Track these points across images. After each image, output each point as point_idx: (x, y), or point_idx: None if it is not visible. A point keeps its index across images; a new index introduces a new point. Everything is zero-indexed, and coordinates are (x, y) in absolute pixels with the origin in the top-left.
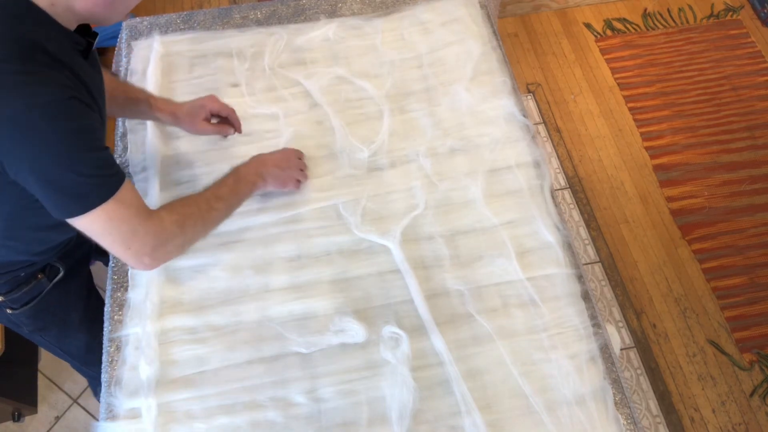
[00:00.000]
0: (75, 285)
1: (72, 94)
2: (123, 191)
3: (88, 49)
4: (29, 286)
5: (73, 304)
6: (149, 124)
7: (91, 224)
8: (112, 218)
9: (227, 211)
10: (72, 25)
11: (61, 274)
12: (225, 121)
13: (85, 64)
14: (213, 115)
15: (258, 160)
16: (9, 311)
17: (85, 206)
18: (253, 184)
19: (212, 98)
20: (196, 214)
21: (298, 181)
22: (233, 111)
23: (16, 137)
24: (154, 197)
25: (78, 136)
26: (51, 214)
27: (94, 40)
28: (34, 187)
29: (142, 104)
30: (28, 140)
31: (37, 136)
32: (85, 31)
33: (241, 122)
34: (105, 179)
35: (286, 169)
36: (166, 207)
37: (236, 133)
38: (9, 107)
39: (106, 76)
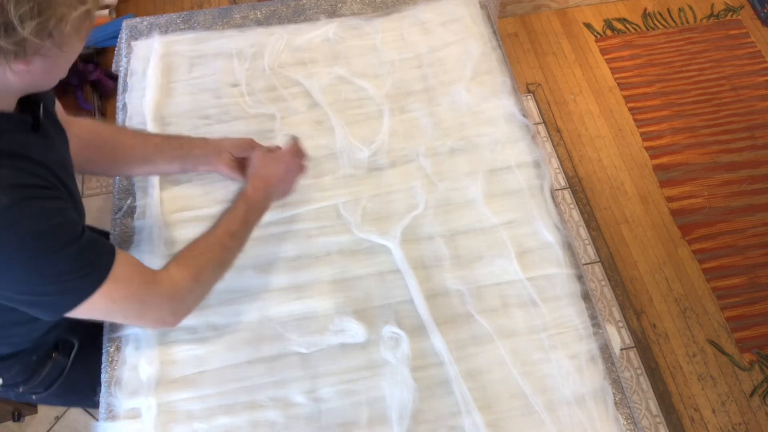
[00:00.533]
0: (94, 351)
1: (23, 194)
2: (117, 268)
3: (36, 123)
4: (47, 369)
5: (96, 365)
6: (149, 122)
7: (92, 311)
8: (114, 299)
9: (241, 246)
10: (11, 105)
11: (76, 347)
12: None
13: (36, 141)
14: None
15: (263, 181)
16: (34, 397)
17: (79, 298)
18: (264, 208)
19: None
20: (211, 260)
21: (301, 169)
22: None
23: None
24: (154, 197)
25: (45, 238)
26: (41, 317)
27: (39, 110)
28: (18, 301)
29: (188, 162)
30: None
31: (3, 252)
32: (25, 104)
33: (241, 123)
34: (90, 268)
35: (287, 181)
36: (177, 261)
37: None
38: None
39: (143, 133)
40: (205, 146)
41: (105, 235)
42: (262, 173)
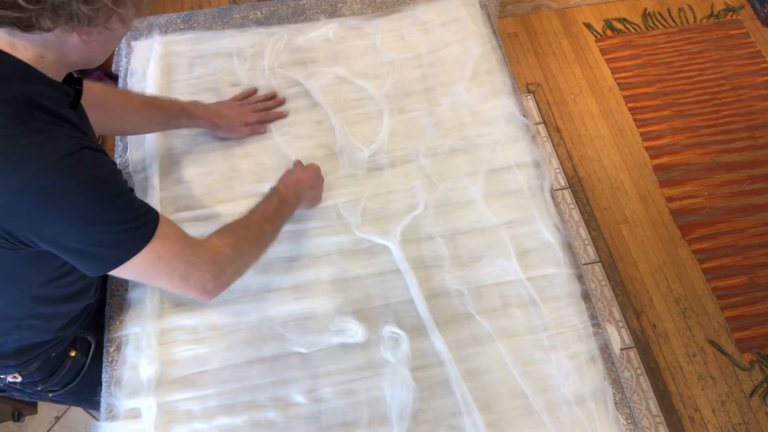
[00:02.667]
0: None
1: (82, 143)
2: (163, 227)
3: (77, 100)
4: (66, 367)
5: None
6: None
7: (140, 268)
8: (162, 256)
9: (275, 233)
10: (60, 76)
11: (93, 346)
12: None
13: (75, 115)
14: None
15: (295, 180)
16: (50, 395)
17: (130, 252)
18: (294, 206)
19: (246, 111)
20: (250, 236)
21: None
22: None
23: (40, 206)
24: (155, 197)
25: (103, 185)
26: (87, 274)
27: (81, 88)
28: (71, 251)
29: (181, 117)
30: (55, 205)
31: (63, 198)
32: (70, 80)
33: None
34: (142, 220)
35: (317, 188)
36: (217, 233)
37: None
38: (24, 175)
39: (141, 97)
40: (204, 125)
41: None
42: (295, 176)
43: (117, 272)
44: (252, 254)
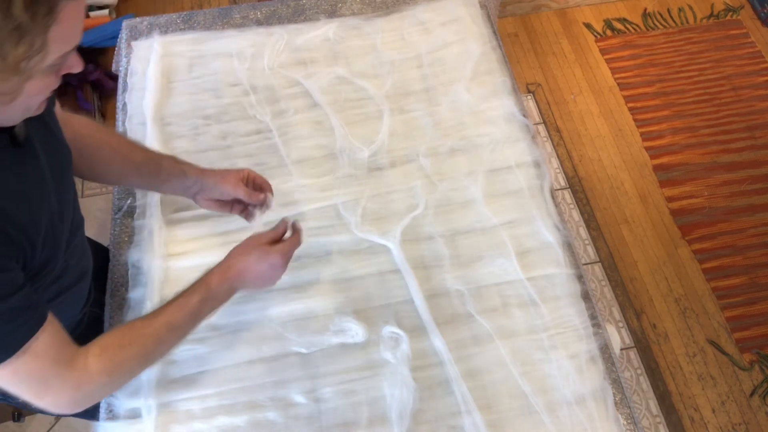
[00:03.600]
0: None
1: None
2: (36, 341)
3: (14, 136)
4: None
5: None
6: (149, 122)
7: None
8: (17, 372)
9: (181, 338)
10: None
11: None
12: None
13: (12, 163)
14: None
15: (235, 273)
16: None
17: None
18: (222, 302)
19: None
20: (137, 355)
21: (282, 263)
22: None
23: None
24: (155, 197)
25: None
26: None
27: (13, 128)
28: None
29: (162, 161)
30: None
31: None
32: None
33: (241, 123)
34: (7, 333)
35: (267, 282)
36: (100, 347)
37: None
38: None
39: (130, 146)
40: (188, 180)
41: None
42: (239, 265)
43: None
44: (135, 372)
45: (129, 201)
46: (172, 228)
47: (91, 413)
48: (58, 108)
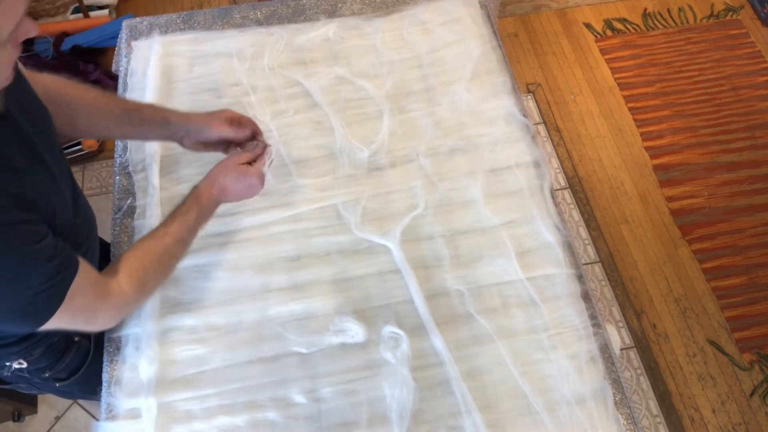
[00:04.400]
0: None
1: None
2: (76, 283)
3: None
4: (72, 353)
5: None
6: None
7: (51, 325)
8: (68, 312)
9: (186, 252)
10: None
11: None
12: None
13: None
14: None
15: (220, 190)
16: (58, 384)
17: (41, 320)
18: (210, 217)
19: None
20: (158, 271)
21: (261, 179)
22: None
23: None
24: (154, 197)
25: (5, 268)
26: None
27: None
28: None
29: (144, 110)
30: None
31: None
32: None
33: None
34: (52, 287)
35: (243, 197)
36: (128, 270)
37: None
38: None
39: (107, 99)
40: (172, 127)
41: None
42: (221, 182)
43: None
44: (158, 287)
45: (129, 201)
46: None
47: (94, 390)
48: (22, 68)
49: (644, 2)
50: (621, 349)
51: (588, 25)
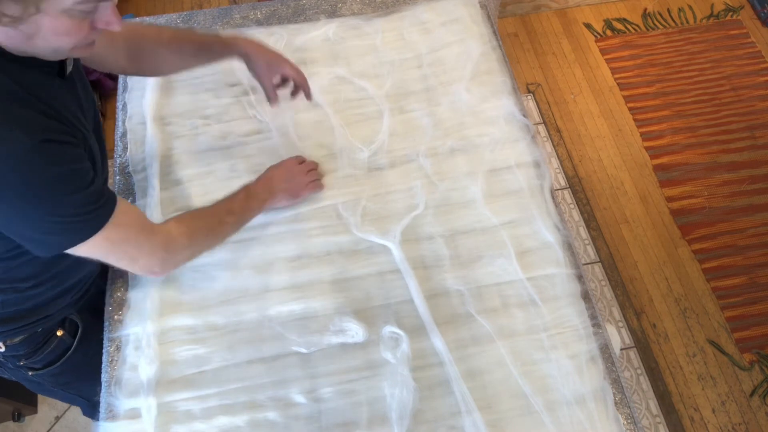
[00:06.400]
0: (96, 335)
1: (43, 137)
2: (118, 215)
3: (62, 69)
4: (51, 346)
5: (97, 355)
6: (148, 122)
7: (92, 250)
8: (113, 241)
9: (237, 226)
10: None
11: (80, 330)
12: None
13: (60, 87)
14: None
15: (266, 177)
16: (30, 373)
17: (78, 238)
18: (264, 201)
19: (286, 64)
20: (206, 227)
21: (313, 183)
22: (305, 80)
23: None
24: (154, 197)
25: (54, 183)
26: (36, 254)
27: (65, 60)
28: (17, 235)
29: (214, 46)
30: (3, 195)
31: (12, 191)
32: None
33: (241, 123)
34: (95, 212)
35: (292, 180)
36: (176, 219)
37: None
38: None
39: (171, 32)
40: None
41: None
42: (269, 173)
43: (68, 250)
44: (206, 245)
45: (129, 200)
46: None
47: (65, 383)
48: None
49: (644, 2)
50: (621, 349)
51: (588, 25)
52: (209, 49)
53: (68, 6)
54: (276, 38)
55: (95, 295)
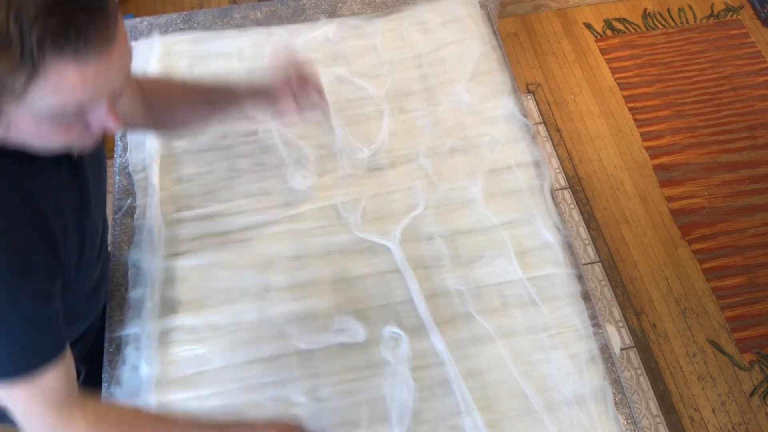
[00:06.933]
0: (97, 375)
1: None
2: (52, 370)
3: (67, 159)
4: None
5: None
6: None
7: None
8: (28, 398)
9: None
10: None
11: (82, 375)
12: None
13: (55, 176)
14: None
15: (248, 423)
16: None
17: None
18: None
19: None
20: None
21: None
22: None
23: None
24: (155, 197)
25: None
26: None
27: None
28: None
29: (229, 107)
30: None
31: None
32: None
33: (241, 122)
34: (31, 343)
35: None
36: (94, 416)
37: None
38: None
39: (184, 86)
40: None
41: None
42: (252, 422)
43: None
44: None
45: (129, 201)
46: (172, 228)
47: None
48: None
49: (644, 2)
50: (621, 349)
51: (588, 25)
52: (222, 107)
53: (43, 113)
54: (276, 38)
55: (96, 338)
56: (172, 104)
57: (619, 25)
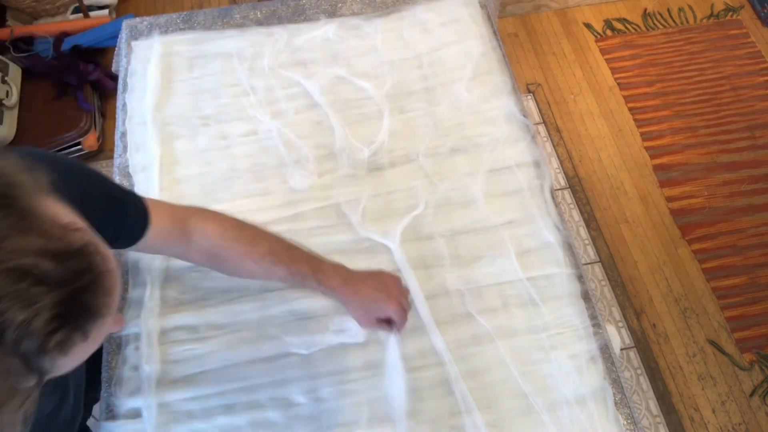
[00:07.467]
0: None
1: None
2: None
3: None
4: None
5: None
6: (149, 122)
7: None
8: None
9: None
10: None
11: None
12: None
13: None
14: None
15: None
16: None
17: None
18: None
19: (389, 307)
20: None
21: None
22: (405, 320)
23: None
24: (155, 197)
25: None
26: None
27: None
28: None
29: (309, 280)
30: None
31: None
32: None
33: (241, 122)
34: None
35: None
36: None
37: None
38: None
39: (267, 247)
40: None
41: None
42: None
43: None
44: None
45: None
46: None
47: None
48: (181, 221)
49: (644, 2)
50: (621, 349)
51: (588, 25)
52: (302, 281)
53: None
54: (276, 38)
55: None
56: (246, 264)
57: (619, 25)
